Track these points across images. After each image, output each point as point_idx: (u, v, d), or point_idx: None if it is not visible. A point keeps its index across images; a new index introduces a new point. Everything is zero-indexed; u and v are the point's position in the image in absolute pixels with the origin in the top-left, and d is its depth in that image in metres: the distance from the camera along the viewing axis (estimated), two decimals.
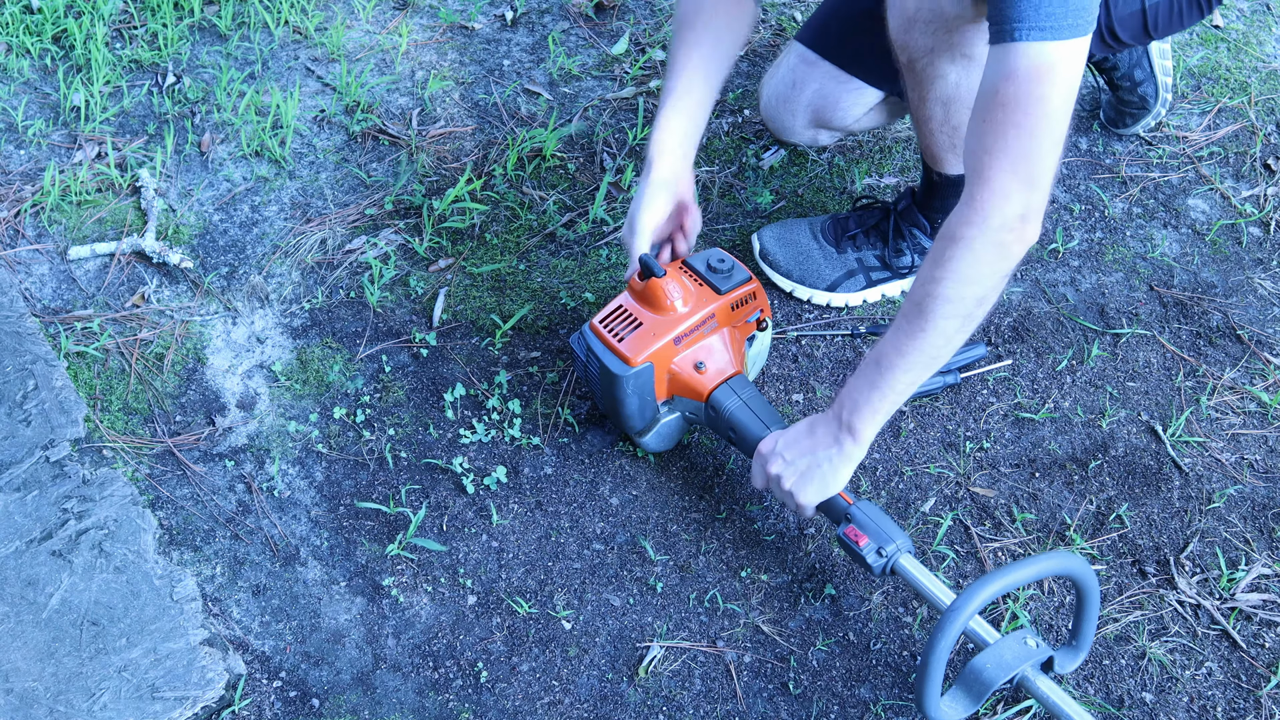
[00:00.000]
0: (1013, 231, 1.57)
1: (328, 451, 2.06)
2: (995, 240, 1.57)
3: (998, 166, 1.55)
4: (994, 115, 1.55)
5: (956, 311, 1.63)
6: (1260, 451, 2.10)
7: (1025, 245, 1.60)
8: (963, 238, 1.58)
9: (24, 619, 1.81)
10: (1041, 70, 1.52)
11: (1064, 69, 1.53)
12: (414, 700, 1.80)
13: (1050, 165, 1.56)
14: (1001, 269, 1.61)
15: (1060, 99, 1.53)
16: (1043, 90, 1.52)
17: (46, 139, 2.47)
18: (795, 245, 2.26)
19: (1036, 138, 1.54)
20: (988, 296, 1.64)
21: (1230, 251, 2.40)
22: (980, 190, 1.57)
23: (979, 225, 1.57)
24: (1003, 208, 1.56)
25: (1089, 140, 2.58)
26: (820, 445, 1.77)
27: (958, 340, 1.67)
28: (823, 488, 1.78)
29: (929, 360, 1.68)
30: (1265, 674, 1.85)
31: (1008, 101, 1.53)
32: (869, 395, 1.71)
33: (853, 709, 1.81)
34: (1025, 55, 1.52)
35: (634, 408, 1.95)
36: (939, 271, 1.61)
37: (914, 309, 1.65)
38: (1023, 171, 1.55)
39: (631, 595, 1.92)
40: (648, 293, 1.93)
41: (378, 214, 2.39)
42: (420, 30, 2.76)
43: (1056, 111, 1.54)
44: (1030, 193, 1.56)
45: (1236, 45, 2.79)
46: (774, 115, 2.32)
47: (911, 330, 1.65)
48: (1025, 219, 1.57)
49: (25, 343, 2.12)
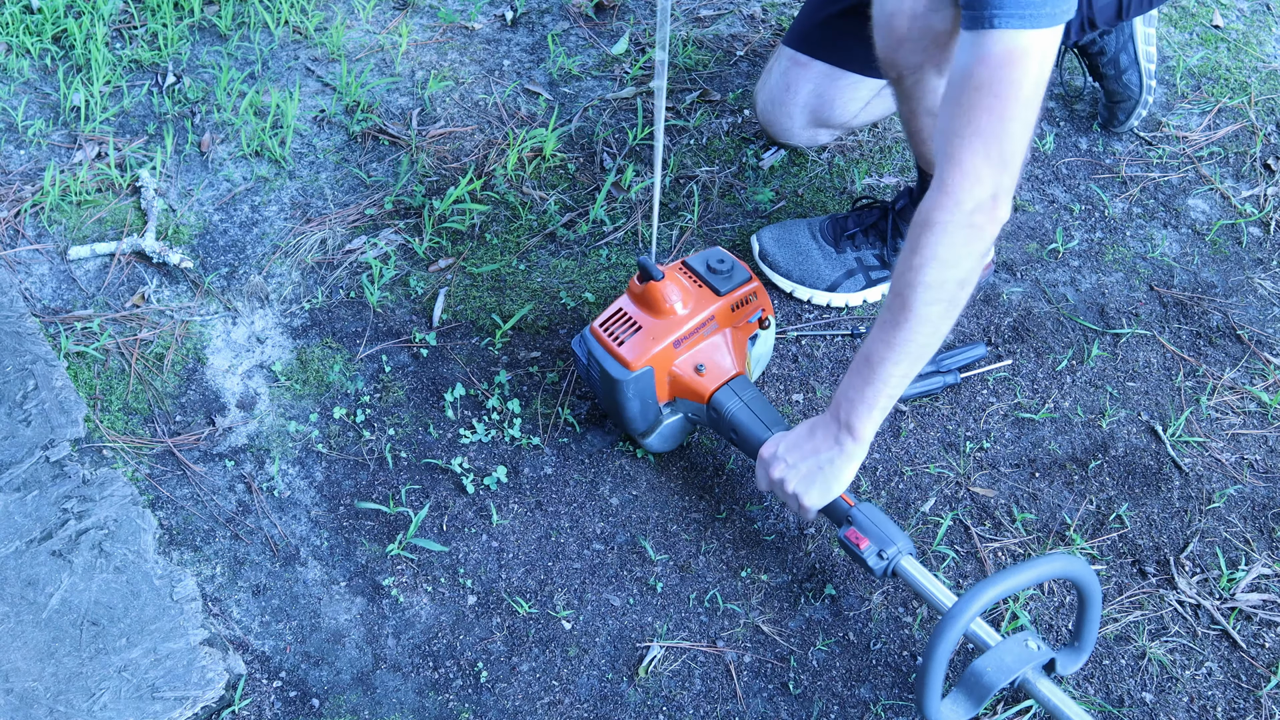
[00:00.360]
0: (985, 212, 1.59)
1: (328, 451, 2.06)
2: (968, 222, 1.58)
3: (969, 149, 1.56)
4: (966, 99, 1.56)
5: (938, 297, 1.63)
6: (1260, 451, 2.10)
7: (997, 225, 1.61)
8: (936, 222, 1.59)
9: (24, 619, 1.81)
10: (1015, 56, 1.53)
11: (1037, 56, 1.54)
12: (414, 700, 1.80)
13: (1020, 148, 1.57)
14: (976, 249, 1.62)
15: (1032, 85, 1.55)
16: (1016, 75, 1.54)
17: (46, 139, 2.47)
18: (794, 246, 2.26)
19: (1007, 121, 1.55)
20: (967, 279, 1.64)
21: (1230, 251, 2.40)
22: (951, 172, 1.58)
23: (951, 209, 1.58)
24: (974, 190, 1.57)
25: (1089, 140, 2.58)
26: (822, 447, 1.77)
27: (944, 327, 1.67)
28: (826, 489, 1.78)
29: (918, 350, 1.68)
30: (1265, 674, 1.85)
31: (980, 85, 1.55)
32: (863, 392, 1.71)
33: (853, 709, 1.81)
34: (1000, 41, 1.53)
35: (635, 411, 1.95)
36: (916, 259, 1.61)
37: (895, 300, 1.65)
38: (994, 154, 1.56)
39: (631, 595, 1.92)
40: (647, 296, 1.93)
41: (378, 214, 2.39)
42: (420, 30, 2.76)
43: (1029, 97, 1.55)
44: (1001, 174, 1.57)
45: (1236, 45, 2.79)
46: (771, 120, 2.32)
47: (896, 321, 1.66)
48: (996, 199, 1.58)
49: (25, 343, 2.12)
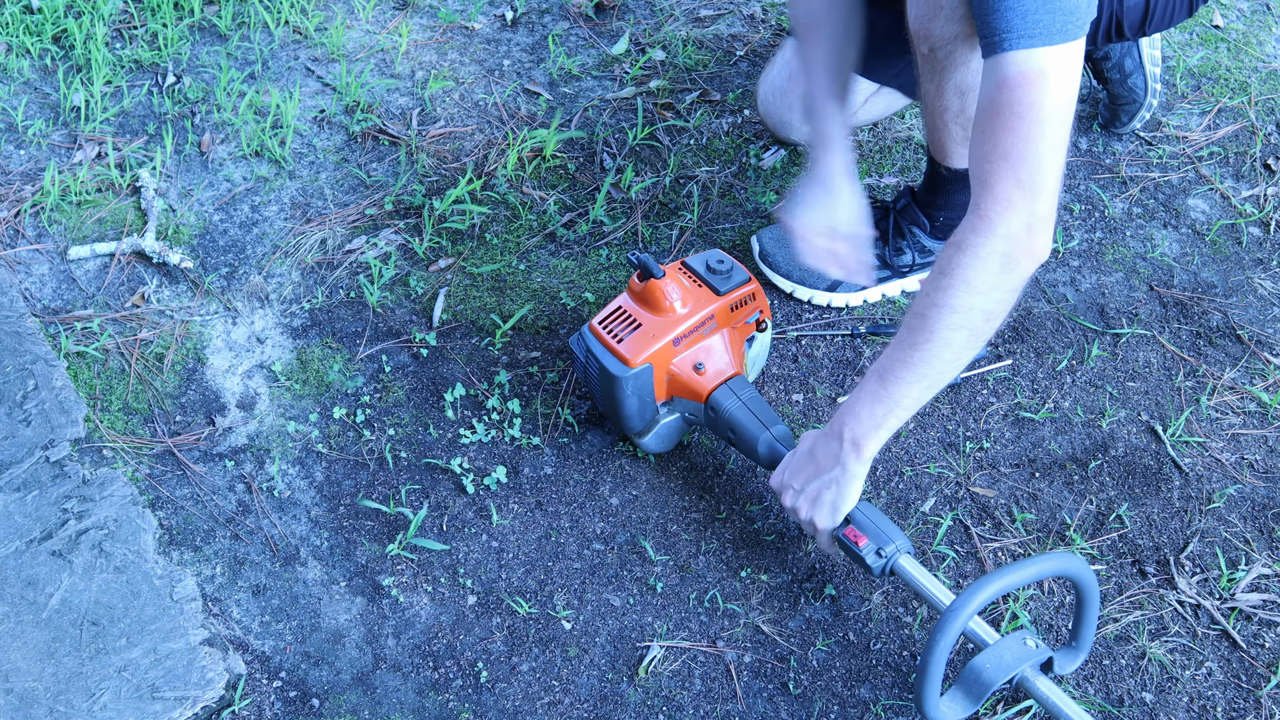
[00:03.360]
0: (1020, 243, 1.57)
1: (328, 451, 2.07)
2: (1001, 250, 1.57)
3: (999, 174, 1.56)
4: (990, 124, 1.56)
5: (962, 323, 1.61)
6: (1260, 451, 2.10)
7: (1033, 259, 1.59)
8: (969, 244, 1.58)
9: (24, 619, 1.81)
10: (1032, 76, 1.52)
11: (1056, 74, 1.53)
12: (414, 700, 1.81)
13: (1051, 171, 1.56)
14: (1008, 282, 1.60)
15: (1054, 104, 1.54)
16: (1034, 96, 1.53)
17: (46, 139, 2.48)
18: (795, 246, 2.26)
19: (1033, 141, 1.54)
20: (994, 312, 1.62)
21: (1230, 251, 2.40)
22: (984, 198, 1.57)
23: (985, 233, 1.57)
24: (1007, 215, 1.56)
25: (1089, 140, 2.58)
26: (824, 468, 1.76)
27: (964, 356, 1.65)
28: (834, 510, 1.78)
29: (935, 374, 1.66)
30: (1265, 674, 1.85)
31: (1002, 110, 1.54)
32: (873, 409, 1.69)
33: (853, 709, 1.81)
34: (1014, 63, 1.52)
35: (633, 409, 1.95)
36: (944, 280, 1.60)
37: (917, 319, 1.64)
38: (1025, 177, 1.55)
39: (631, 595, 1.92)
40: (647, 294, 1.93)
41: (378, 214, 2.39)
42: (420, 30, 2.76)
43: (1052, 116, 1.54)
44: (1034, 200, 1.56)
45: (1236, 45, 2.79)
46: (772, 111, 2.32)
47: (915, 341, 1.64)
48: (1031, 229, 1.57)
49: (25, 343, 2.12)
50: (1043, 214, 1.57)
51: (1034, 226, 1.57)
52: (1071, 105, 1.56)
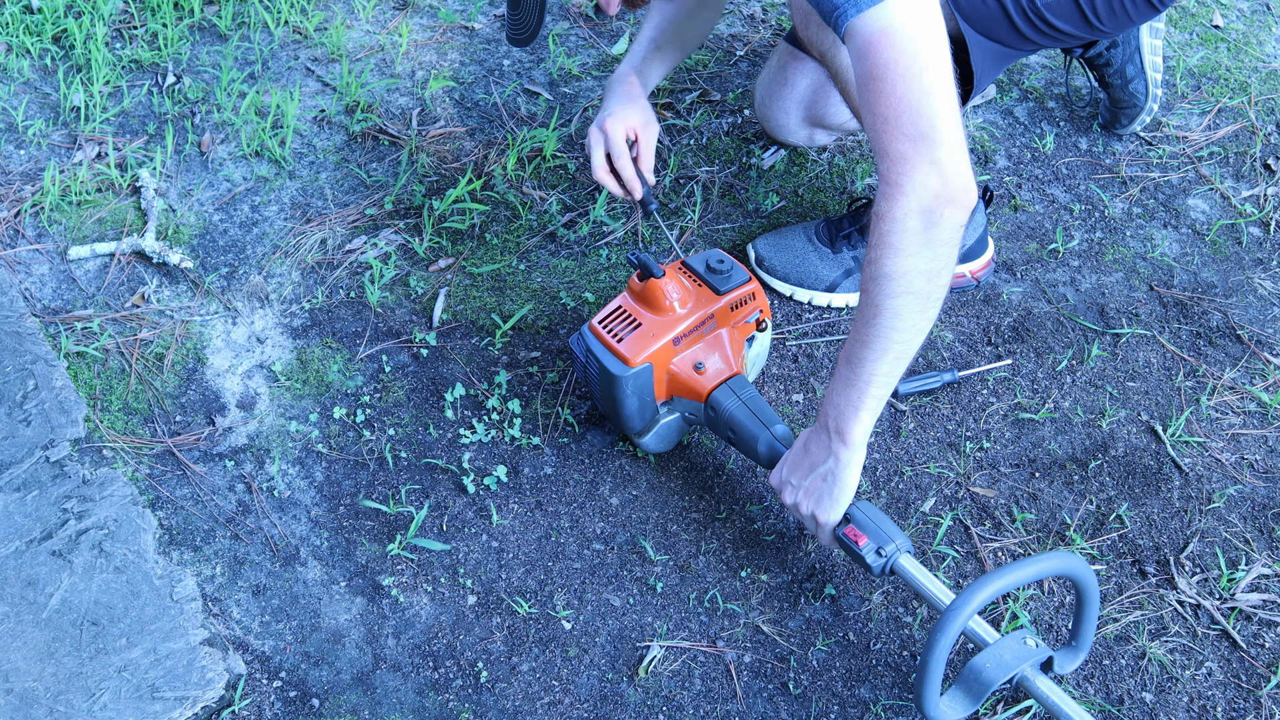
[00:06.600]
0: (933, 193, 1.54)
1: (328, 451, 2.07)
2: (916, 207, 1.55)
3: (887, 136, 1.55)
4: (865, 96, 1.57)
5: (903, 289, 1.60)
6: (1260, 451, 2.10)
7: (955, 205, 1.56)
8: (884, 212, 1.57)
9: (24, 619, 1.81)
10: (879, 36, 1.53)
11: (904, 24, 1.53)
12: (414, 700, 1.81)
13: (938, 113, 1.53)
14: (938, 236, 1.57)
15: (913, 52, 1.53)
16: (890, 54, 1.53)
17: (46, 139, 2.48)
18: (791, 249, 2.26)
19: (907, 94, 1.53)
20: (934, 270, 1.59)
21: (1230, 251, 2.40)
22: (883, 163, 1.57)
23: (894, 197, 1.56)
24: (910, 171, 1.54)
25: (1089, 140, 2.58)
26: (818, 461, 1.77)
27: (921, 321, 1.64)
28: (834, 503, 1.78)
29: (896, 345, 1.64)
30: (1265, 674, 1.85)
31: (866, 79, 1.55)
32: (847, 394, 1.69)
33: (853, 709, 1.81)
34: (860, 32, 1.54)
35: (633, 408, 1.95)
36: (874, 253, 1.60)
37: (863, 296, 1.64)
38: (910, 129, 1.53)
39: (631, 595, 1.92)
40: (647, 293, 1.93)
41: (378, 214, 2.39)
42: (420, 30, 2.76)
43: (914, 64, 1.53)
44: (930, 147, 1.53)
45: (1236, 45, 2.79)
46: (768, 113, 2.32)
47: (865, 318, 1.64)
48: (942, 176, 1.54)
49: (25, 343, 2.12)
50: (945, 158, 1.54)
51: (943, 173, 1.54)
52: (936, 45, 1.54)
